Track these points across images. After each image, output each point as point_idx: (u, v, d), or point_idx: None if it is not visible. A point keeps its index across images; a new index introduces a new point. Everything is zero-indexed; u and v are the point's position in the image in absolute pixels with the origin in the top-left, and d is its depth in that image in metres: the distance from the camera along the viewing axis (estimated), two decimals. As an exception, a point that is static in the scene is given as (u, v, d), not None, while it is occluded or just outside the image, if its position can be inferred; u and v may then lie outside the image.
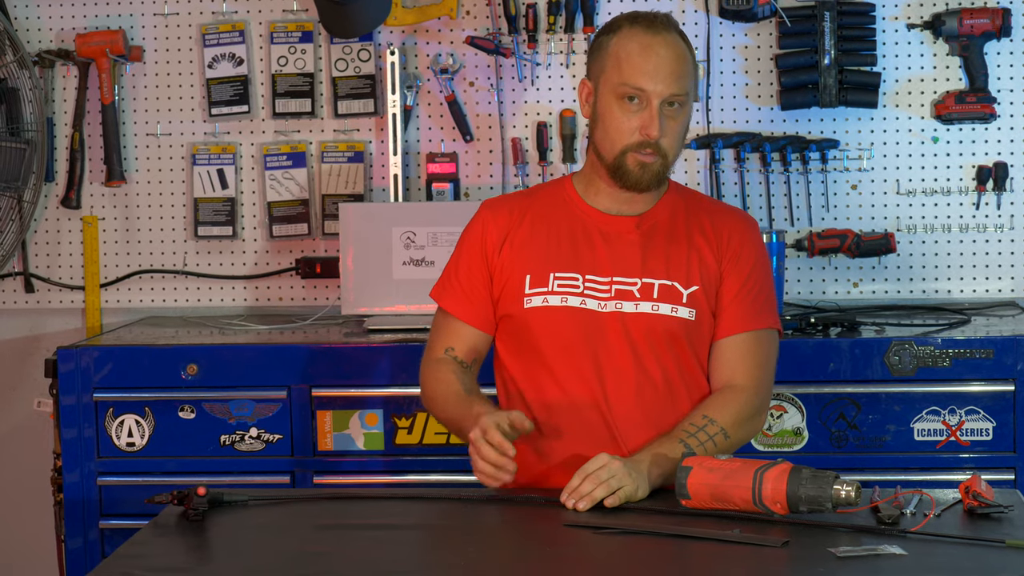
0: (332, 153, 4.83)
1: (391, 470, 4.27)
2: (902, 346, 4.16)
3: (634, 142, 3.14)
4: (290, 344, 4.36)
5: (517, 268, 3.24)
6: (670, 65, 3.14)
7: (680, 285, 3.20)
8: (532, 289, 3.22)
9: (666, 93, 3.13)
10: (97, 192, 4.90)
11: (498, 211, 3.30)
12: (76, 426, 4.33)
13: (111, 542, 4.31)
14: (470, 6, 4.78)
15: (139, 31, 4.87)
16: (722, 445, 3.12)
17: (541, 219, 3.27)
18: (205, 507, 2.91)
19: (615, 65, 3.16)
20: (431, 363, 3.30)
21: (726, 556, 2.67)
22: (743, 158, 4.70)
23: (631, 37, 3.17)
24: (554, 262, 3.22)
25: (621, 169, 3.17)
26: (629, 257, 3.21)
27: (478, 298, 3.27)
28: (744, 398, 3.20)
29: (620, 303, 3.19)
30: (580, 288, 3.20)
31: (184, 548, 2.82)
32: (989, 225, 4.70)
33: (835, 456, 4.17)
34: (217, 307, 4.90)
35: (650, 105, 3.13)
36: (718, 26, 4.71)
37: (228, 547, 2.81)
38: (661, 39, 3.16)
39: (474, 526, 2.93)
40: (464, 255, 3.30)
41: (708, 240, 3.25)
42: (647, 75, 3.13)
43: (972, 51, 4.61)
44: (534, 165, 4.78)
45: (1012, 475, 4.14)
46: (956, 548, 2.68)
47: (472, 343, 3.29)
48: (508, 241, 3.26)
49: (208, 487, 2.93)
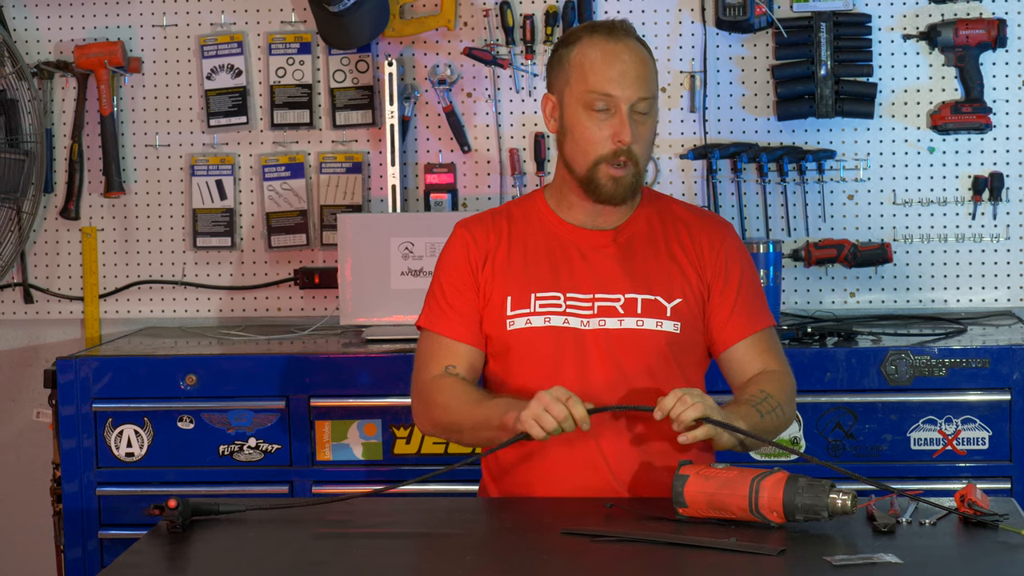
0: (330, 164, 4.84)
1: (390, 480, 4.27)
2: (899, 356, 4.17)
3: (607, 152, 3.13)
4: (288, 354, 4.37)
5: (498, 289, 3.21)
6: (635, 69, 3.14)
7: (663, 299, 3.20)
8: (514, 311, 3.20)
9: (634, 97, 3.13)
10: (96, 203, 4.91)
11: (475, 231, 3.27)
12: (75, 436, 4.34)
13: (110, 552, 4.32)
14: (468, 17, 4.79)
15: (138, 42, 4.88)
16: (781, 418, 3.14)
17: (518, 238, 3.25)
18: (180, 518, 2.90)
19: (579, 75, 3.15)
20: (429, 381, 3.22)
21: (722, 564, 2.67)
22: (740, 168, 4.71)
23: (592, 45, 3.17)
24: (534, 282, 3.20)
25: (593, 183, 3.16)
26: (609, 273, 3.20)
27: (471, 317, 3.23)
28: (786, 379, 3.22)
29: (604, 320, 3.18)
30: (562, 307, 3.18)
31: (183, 558, 2.82)
32: (985, 235, 4.71)
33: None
34: (216, 317, 4.91)
35: (619, 111, 3.13)
36: (715, 37, 4.73)
37: (227, 557, 2.81)
38: (623, 45, 3.17)
39: (472, 533, 2.94)
40: (447, 277, 3.25)
41: (687, 252, 3.24)
42: (613, 81, 3.13)
43: (968, 62, 4.62)
44: (531, 176, 4.79)
45: (1008, 484, 4.15)
46: (951, 556, 2.69)
47: (471, 360, 3.24)
48: (489, 261, 3.23)
49: (179, 498, 2.90)
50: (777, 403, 3.12)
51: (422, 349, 3.28)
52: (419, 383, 3.25)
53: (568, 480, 3.14)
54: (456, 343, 3.23)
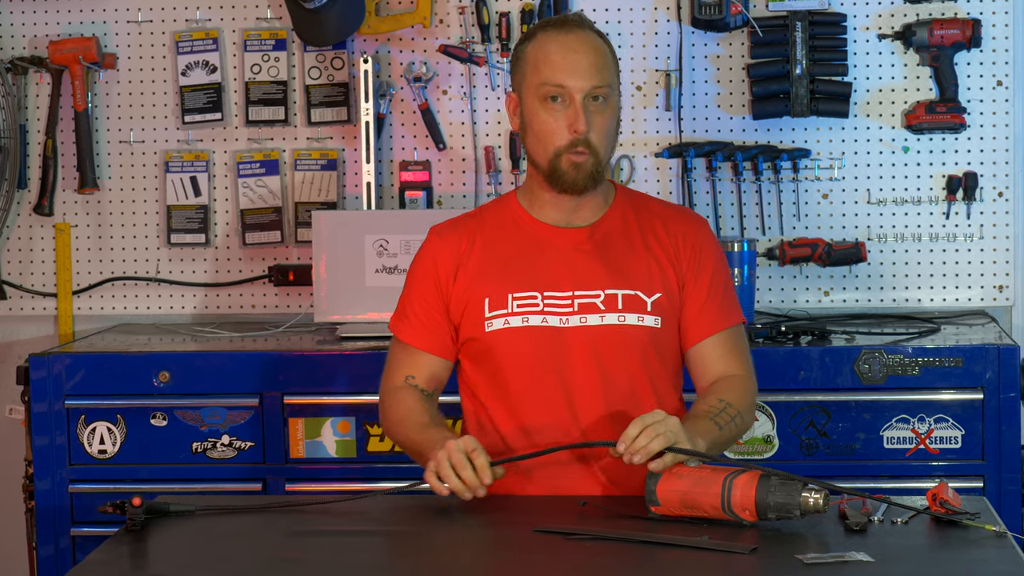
0: (305, 161, 4.84)
1: (363, 477, 4.27)
2: (872, 354, 4.18)
3: (565, 143, 3.14)
4: (262, 351, 4.37)
5: (475, 293, 3.22)
6: (587, 59, 3.15)
7: (643, 294, 3.20)
8: (492, 312, 3.20)
9: (587, 87, 3.13)
10: (70, 199, 4.89)
11: (447, 238, 3.28)
12: (48, 433, 4.33)
13: (83, 549, 4.30)
14: (443, 15, 4.79)
15: (112, 38, 4.87)
16: (740, 427, 3.14)
17: (492, 240, 3.25)
18: (141, 517, 2.89)
19: (534, 69, 3.17)
20: (391, 391, 3.28)
21: (695, 562, 2.68)
22: (715, 167, 4.72)
23: (545, 39, 3.19)
24: (511, 282, 3.21)
25: (556, 172, 3.16)
26: (588, 269, 3.20)
27: (435, 327, 3.25)
28: (748, 384, 3.23)
29: (584, 317, 3.18)
30: (540, 306, 3.19)
31: (155, 555, 2.82)
32: (959, 235, 4.72)
33: (805, 464, 4.19)
34: (189, 314, 4.90)
35: (573, 101, 3.13)
36: (690, 35, 4.73)
37: (200, 554, 2.81)
38: (574, 36, 3.18)
39: (444, 531, 2.94)
40: (416, 286, 3.28)
41: (663, 246, 3.24)
42: (565, 71, 3.14)
43: (942, 61, 4.63)
44: (507, 174, 4.79)
45: (980, 483, 4.16)
46: (923, 555, 2.70)
47: (432, 371, 3.26)
48: (461, 268, 3.24)
49: (143, 496, 2.90)
50: (737, 412, 3.14)
51: (390, 354, 3.33)
52: (382, 389, 3.32)
53: (547, 480, 3.15)
54: (418, 352, 3.26)
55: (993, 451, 4.16)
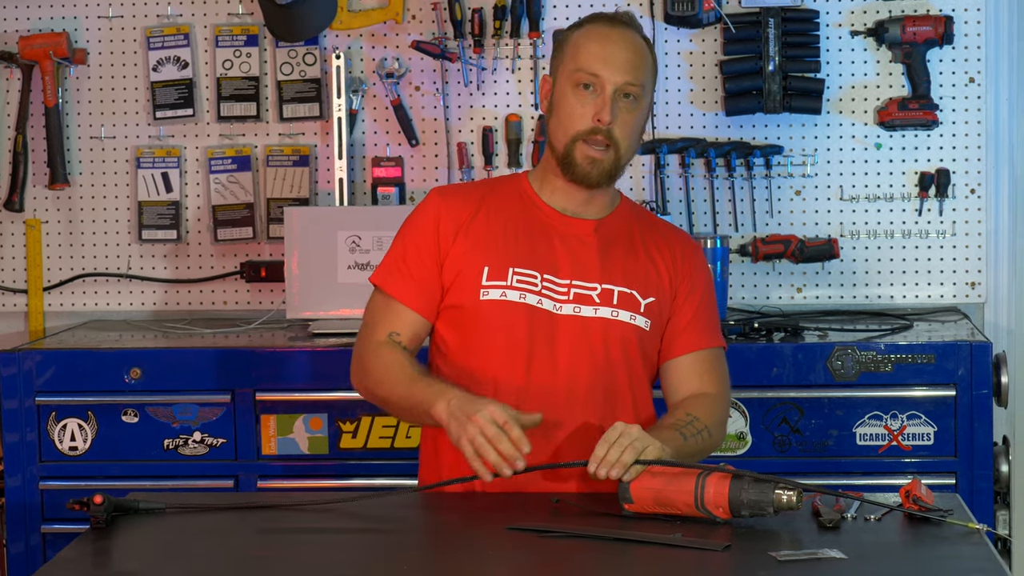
0: (277, 157, 4.82)
1: (336, 474, 4.26)
2: (845, 351, 4.18)
3: (585, 128, 3.14)
4: (234, 348, 4.35)
5: (473, 259, 3.19)
6: (625, 54, 3.17)
7: (638, 294, 3.22)
8: (489, 281, 3.18)
9: (620, 81, 3.15)
10: (40, 195, 4.87)
11: (451, 199, 3.25)
12: (18, 430, 4.31)
13: (53, 546, 4.29)
14: (416, 11, 4.78)
15: (83, 34, 4.84)
16: (707, 442, 3.13)
17: (497, 211, 3.24)
18: (104, 515, 2.87)
19: (572, 54, 3.19)
20: (372, 348, 3.21)
21: (668, 560, 2.68)
22: (688, 163, 4.72)
23: (591, 29, 3.22)
24: (513, 257, 3.19)
25: (569, 159, 3.17)
26: (588, 261, 3.21)
27: (427, 285, 3.20)
28: (719, 403, 3.23)
29: (578, 307, 3.18)
30: (538, 287, 3.18)
31: (126, 552, 2.81)
32: (931, 231, 4.73)
33: (778, 460, 4.19)
34: (161, 311, 4.88)
35: (604, 92, 3.14)
36: (663, 32, 4.73)
37: (171, 552, 2.79)
38: (619, 32, 3.20)
39: (416, 529, 2.93)
40: (413, 241, 3.23)
41: (663, 257, 3.26)
42: (602, 61, 3.15)
43: (915, 58, 4.64)
44: (479, 170, 4.78)
45: (952, 479, 4.17)
46: (896, 552, 2.70)
47: (416, 330, 3.22)
48: (463, 231, 3.21)
49: (104, 493, 2.88)
50: (704, 426, 3.13)
51: (371, 308, 3.26)
52: (361, 346, 3.23)
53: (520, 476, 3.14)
54: (405, 308, 3.21)
55: (966, 448, 4.17)
